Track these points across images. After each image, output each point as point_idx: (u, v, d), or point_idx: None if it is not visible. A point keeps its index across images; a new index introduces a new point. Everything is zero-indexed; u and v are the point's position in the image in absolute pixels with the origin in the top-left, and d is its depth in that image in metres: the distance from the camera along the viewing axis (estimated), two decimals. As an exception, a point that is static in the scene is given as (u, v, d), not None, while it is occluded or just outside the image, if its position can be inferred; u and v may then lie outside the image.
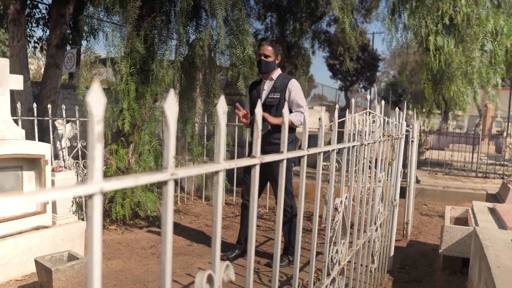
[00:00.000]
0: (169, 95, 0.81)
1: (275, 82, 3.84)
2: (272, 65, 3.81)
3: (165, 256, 0.83)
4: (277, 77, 3.86)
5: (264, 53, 3.76)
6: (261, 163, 1.14)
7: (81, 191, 0.64)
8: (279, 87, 3.81)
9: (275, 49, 3.80)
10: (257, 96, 3.87)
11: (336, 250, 2.03)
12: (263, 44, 3.83)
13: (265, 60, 3.76)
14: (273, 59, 3.79)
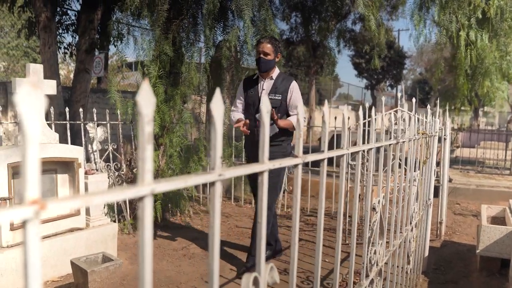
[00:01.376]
0: (216, 95, 0.79)
1: (275, 82, 3.67)
2: (272, 64, 3.62)
3: (213, 257, 0.82)
4: (276, 77, 3.69)
5: (264, 51, 3.57)
6: (303, 162, 1.11)
7: (133, 193, 0.63)
8: (280, 88, 3.64)
9: (274, 46, 3.61)
10: (256, 95, 3.68)
11: (374, 251, 1.99)
12: (262, 41, 3.63)
13: (264, 59, 3.57)
14: (273, 57, 3.60)
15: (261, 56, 3.57)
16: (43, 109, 0.52)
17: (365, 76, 28.94)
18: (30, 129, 0.50)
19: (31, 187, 0.51)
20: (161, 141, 4.62)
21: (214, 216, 0.81)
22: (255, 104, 3.62)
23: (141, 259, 0.67)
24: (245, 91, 3.76)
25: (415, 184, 2.98)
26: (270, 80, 3.68)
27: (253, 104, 3.66)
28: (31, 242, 0.51)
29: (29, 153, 0.50)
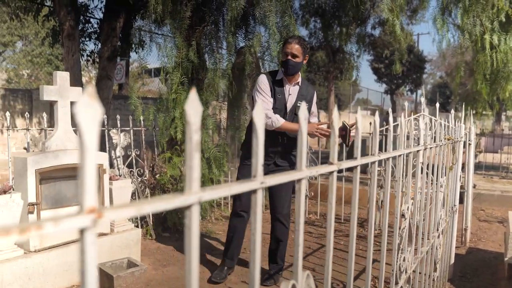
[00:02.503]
0: (257, 105, 0.80)
1: (301, 88, 3.47)
2: (300, 66, 3.36)
3: (254, 263, 0.82)
4: (301, 83, 3.49)
5: (292, 52, 3.28)
6: (339, 169, 1.11)
7: (181, 202, 0.63)
8: (306, 95, 3.47)
9: (303, 48, 3.32)
10: (283, 100, 3.41)
11: (403, 258, 1.97)
12: (290, 41, 3.32)
13: (293, 61, 3.28)
14: (301, 60, 3.33)
15: (289, 58, 3.29)
16: (100, 120, 0.53)
17: (385, 80, 28.71)
18: (88, 139, 0.51)
19: (88, 196, 0.52)
20: (184, 146, 4.64)
21: (255, 223, 0.81)
22: (281, 110, 3.41)
23: (188, 266, 0.67)
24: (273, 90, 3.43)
25: (442, 190, 2.94)
26: (296, 86, 3.47)
27: (279, 109, 3.40)
28: (88, 251, 0.52)
29: (87, 162, 0.51)
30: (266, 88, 3.40)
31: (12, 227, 0.46)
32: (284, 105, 3.44)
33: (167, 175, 4.62)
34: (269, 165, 3.52)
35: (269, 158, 3.49)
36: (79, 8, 8.73)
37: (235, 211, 3.59)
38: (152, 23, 5.03)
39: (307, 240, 4.81)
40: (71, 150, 3.63)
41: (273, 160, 3.51)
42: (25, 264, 3.21)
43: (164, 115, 4.63)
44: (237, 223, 3.60)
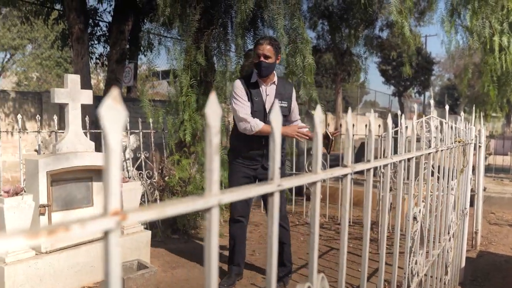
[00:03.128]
0: (274, 108, 0.80)
1: (278, 87, 3.43)
2: (273, 67, 3.33)
3: (271, 266, 0.82)
4: (278, 82, 3.45)
5: (264, 53, 3.24)
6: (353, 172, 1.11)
7: (201, 205, 0.64)
8: (284, 94, 3.43)
9: (275, 48, 3.29)
10: (260, 101, 3.37)
11: (415, 261, 1.96)
12: (262, 42, 3.28)
13: (266, 62, 3.24)
14: (274, 60, 3.30)
15: (262, 59, 3.25)
16: (124, 123, 0.54)
17: (392, 83, 28.61)
18: (112, 142, 0.52)
19: (113, 198, 0.52)
20: (193, 149, 4.67)
21: (272, 225, 0.81)
22: (261, 112, 3.36)
23: (207, 269, 0.68)
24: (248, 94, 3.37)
25: (453, 193, 2.93)
26: (272, 85, 3.43)
27: (259, 111, 3.35)
28: (113, 252, 0.53)
29: (111, 165, 0.52)
30: (241, 93, 3.36)
31: (40, 230, 0.46)
32: (263, 106, 3.39)
33: (176, 177, 4.63)
34: (257, 169, 3.49)
35: (256, 161, 3.47)
36: (88, 11, 8.80)
37: (233, 217, 3.54)
38: (160, 26, 5.06)
39: (315, 242, 4.80)
40: (81, 153, 3.66)
41: (260, 164, 3.48)
42: (36, 265, 3.23)
43: (173, 117, 4.65)
44: (237, 229, 3.57)
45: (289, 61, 4.31)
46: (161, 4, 4.16)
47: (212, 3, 4.58)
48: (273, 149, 0.79)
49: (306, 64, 4.17)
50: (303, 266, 4.05)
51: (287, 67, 4.49)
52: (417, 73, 26.62)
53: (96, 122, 7.23)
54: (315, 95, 4.56)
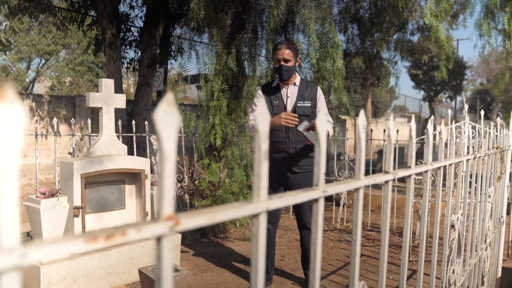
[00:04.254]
0: (320, 114, 0.79)
1: (300, 88, 3.43)
2: (293, 70, 3.38)
3: (315, 272, 0.81)
4: (300, 83, 3.45)
5: (284, 58, 3.31)
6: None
7: (250, 210, 0.63)
8: (307, 94, 3.40)
9: (293, 51, 3.35)
10: (281, 104, 3.40)
11: (452, 270, 1.91)
12: (280, 47, 3.34)
13: (286, 66, 3.31)
14: (294, 63, 3.35)
15: (282, 63, 3.32)
16: (178, 128, 0.54)
17: (423, 87, 28.12)
18: (167, 147, 0.52)
19: (166, 203, 0.52)
20: (223, 153, 4.69)
21: (317, 232, 0.80)
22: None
23: (254, 275, 0.67)
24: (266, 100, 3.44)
25: (490, 201, 2.85)
26: (293, 87, 3.44)
27: (279, 113, 3.33)
28: (165, 257, 0.53)
29: (166, 170, 0.52)
30: (257, 100, 3.47)
31: (99, 234, 0.47)
32: (284, 108, 3.40)
33: (206, 181, 4.66)
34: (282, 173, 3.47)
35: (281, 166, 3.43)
36: (120, 17, 8.97)
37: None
38: (191, 31, 5.11)
39: (345, 248, 4.75)
40: (114, 156, 3.72)
41: (288, 168, 3.46)
42: (70, 265, 3.30)
43: (204, 121, 4.68)
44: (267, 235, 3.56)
45: (320, 66, 4.27)
46: (195, 9, 4.20)
47: (244, 8, 4.60)
48: (318, 153, 0.78)
49: (336, 68, 4.13)
50: (333, 272, 4.00)
51: (318, 72, 4.45)
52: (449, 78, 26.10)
53: (128, 125, 7.36)
54: (345, 99, 4.51)
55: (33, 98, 8.85)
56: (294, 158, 3.43)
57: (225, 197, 4.63)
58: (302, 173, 3.44)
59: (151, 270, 3.17)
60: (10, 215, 0.41)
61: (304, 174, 3.44)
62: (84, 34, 10.83)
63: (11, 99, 0.40)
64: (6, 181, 0.40)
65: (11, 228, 0.41)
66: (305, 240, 3.58)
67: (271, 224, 3.52)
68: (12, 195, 0.41)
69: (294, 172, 3.44)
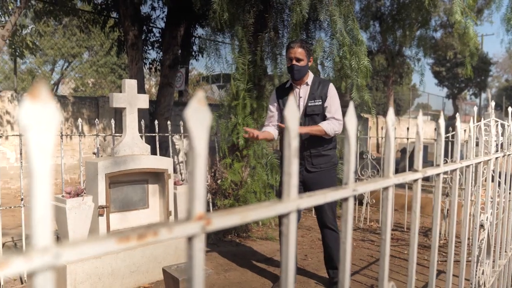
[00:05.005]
0: (349, 109, 0.78)
1: (312, 87, 3.40)
2: (305, 69, 3.34)
3: (344, 273, 0.80)
4: (312, 82, 3.41)
5: (296, 57, 3.27)
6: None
7: (280, 210, 0.62)
8: (319, 93, 3.37)
9: (306, 50, 3.31)
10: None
11: (482, 271, 1.86)
12: (293, 46, 3.31)
13: (297, 65, 3.28)
14: (306, 63, 3.31)
15: (294, 63, 3.29)
16: (209, 126, 0.53)
17: (446, 84, 27.64)
18: (198, 147, 0.51)
19: (198, 203, 0.52)
20: (245, 152, 4.69)
21: (346, 231, 0.79)
22: None
23: (284, 275, 0.66)
24: (279, 102, 3.50)
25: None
26: (306, 86, 3.42)
27: None
28: (197, 257, 0.52)
29: (197, 169, 0.51)
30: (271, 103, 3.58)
31: (131, 234, 0.46)
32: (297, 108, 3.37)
33: (228, 180, 4.66)
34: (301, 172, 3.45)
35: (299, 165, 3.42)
36: (142, 18, 9.06)
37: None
38: (213, 31, 5.11)
39: (369, 248, 4.70)
40: (138, 155, 3.75)
41: (303, 167, 3.45)
42: (95, 264, 3.34)
43: (226, 121, 4.69)
44: None
45: (342, 63, 4.23)
46: (218, 9, 4.21)
47: (265, 7, 4.59)
48: (348, 152, 0.77)
49: (362, 66, 4.07)
50: (357, 272, 3.96)
51: (340, 70, 4.41)
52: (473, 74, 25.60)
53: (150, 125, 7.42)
54: (368, 97, 4.46)
55: (57, 100, 9.01)
56: (309, 157, 3.42)
57: (247, 196, 4.63)
58: (318, 172, 3.43)
59: (175, 269, 3.19)
60: (44, 215, 0.41)
61: (319, 172, 3.43)
62: (107, 36, 10.97)
63: (44, 98, 0.40)
64: (40, 182, 0.40)
65: (45, 228, 0.41)
66: (327, 240, 3.56)
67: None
68: (46, 195, 0.41)
69: (309, 171, 3.43)
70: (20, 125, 0.39)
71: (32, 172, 0.40)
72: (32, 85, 0.41)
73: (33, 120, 0.39)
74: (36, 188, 0.40)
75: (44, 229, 0.41)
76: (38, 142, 0.39)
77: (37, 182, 0.40)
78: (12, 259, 0.38)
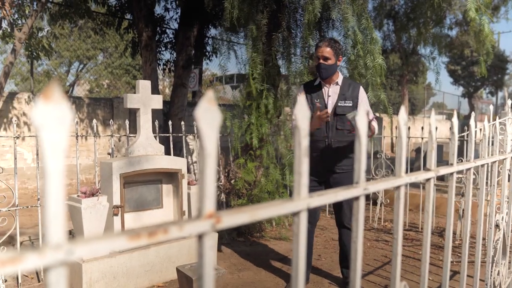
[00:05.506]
0: (360, 110, 0.78)
1: (342, 88, 3.38)
2: (333, 68, 3.32)
3: (356, 272, 0.80)
4: (343, 82, 3.40)
5: (324, 55, 3.27)
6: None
7: (291, 208, 0.63)
8: (349, 94, 3.36)
9: (335, 49, 3.29)
10: (322, 103, 3.36)
11: (497, 271, 1.84)
12: (321, 45, 3.32)
13: (325, 64, 3.27)
14: (334, 61, 3.30)
15: (321, 61, 3.29)
16: (219, 125, 0.54)
17: (462, 83, 27.31)
18: (208, 145, 0.52)
19: (208, 201, 0.52)
20: (258, 152, 4.70)
21: (357, 231, 0.79)
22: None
23: (294, 272, 0.66)
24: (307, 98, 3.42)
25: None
26: (335, 86, 3.40)
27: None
28: (207, 255, 0.53)
29: (207, 168, 0.52)
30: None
31: (141, 231, 0.47)
32: (325, 107, 3.36)
33: (242, 180, 4.68)
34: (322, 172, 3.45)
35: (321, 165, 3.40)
36: (156, 19, 9.13)
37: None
38: (226, 31, 5.13)
39: (383, 248, 4.67)
40: (152, 156, 3.78)
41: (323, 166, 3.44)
42: (110, 263, 3.38)
43: (240, 121, 4.70)
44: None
45: (357, 63, 4.21)
46: (228, 7, 4.22)
47: (278, 7, 4.59)
48: (359, 150, 0.77)
49: (376, 64, 4.04)
50: (371, 272, 3.94)
51: (355, 69, 4.39)
52: (489, 73, 25.24)
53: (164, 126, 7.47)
54: (383, 96, 4.43)
55: (73, 101, 9.12)
56: (334, 158, 3.40)
57: (261, 196, 4.63)
58: (342, 173, 3.42)
59: (188, 269, 3.20)
60: (57, 213, 0.42)
61: (344, 174, 3.41)
62: (121, 38, 11.08)
63: (57, 99, 0.41)
64: (53, 179, 0.41)
65: (58, 225, 0.42)
66: (344, 239, 3.55)
67: (311, 223, 3.51)
68: (58, 193, 0.42)
69: (334, 171, 3.43)
70: (34, 124, 0.40)
71: (46, 170, 0.40)
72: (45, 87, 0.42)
73: (46, 119, 0.40)
74: (50, 185, 0.41)
75: (57, 226, 0.42)
76: (51, 141, 0.40)
77: (51, 180, 0.41)
78: (27, 255, 0.39)
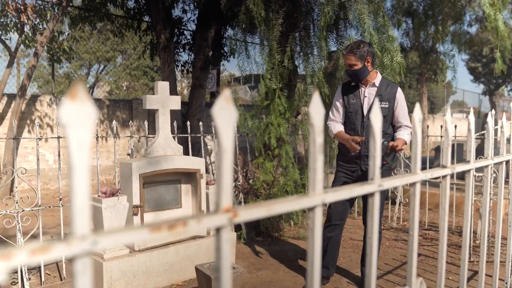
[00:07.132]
0: (374, 106, 0.79)
1: (379, 89, 3.42)
2: (363, 71, 3.37)
3: (371, 268, 0.81)
4: (380, 83, 3.44)
5: (348, 63, 3.38)
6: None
7: (306, 203, 0.64)
8: (386, 95, 3.39)
9: (358, 54, 3.34)
10: (358, 103, 3.43)
11: (518, 271, 1.82)
12: (344, 54, 3.47)
13: (351, 70, 3.38)
14: (361, 65, 3.34)
15: (348, 68, 3.41)
16: (235, 123, 0.56)
17: (482, 81, 26.86)
18: (225, 143, 0.54)
19: (225, 196, 0.54)
20: (276, 152, 4.71)
21: (372, 227, 0.80)
22: (358, 113, 3.43)
23: (310, 268, 0.68)
24: (345, 100, 3.52)
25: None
26: (372, 87, 3.45)
27: (355, 112, 3.44)
28: (224, 247, 0.54)
29: (224, 164, 0.54)
30: (335, 99, 3.62)
31: (162, 224, 0.49)
32: (361, 108, 3.43)
33: (260, 180, 4.70)
34: (354, 172, 3.46)
35: (355, 164, 3.46)
36: (174, 21, 9.21)
37: (332, 221, 3.52)
38: (242, 32, 5.16)
39: (402, 248, 4.64)
40: (171, 156, 3.83)
41: (358, 166, 3.45)
42: (130, 262, 3.43)
43: (258, 121, 4.73)
44: (331, 231, 3.53)
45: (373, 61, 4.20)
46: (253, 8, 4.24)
47: (294, 7, 4.60)
48: (374, 148, 0.78)
49: (395, 63, 4.02)
50: (390, 271, 3.92)
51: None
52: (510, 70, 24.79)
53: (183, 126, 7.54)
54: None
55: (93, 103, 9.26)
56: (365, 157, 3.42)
57: (280, 195, 4.65)
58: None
59: (207, 267, 3.24)
60: (83, 206, 0.44)
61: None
62: (140, 40, 11.21)
63: (82, 98, 0.43)
64: (79, 175, 0.44)
65: (83, 218, 0.45)
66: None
67: (342, 221, 3.53)
68: (84, 187, 0.44)
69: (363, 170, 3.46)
70: (60, 123, 0.43)
71: (72, 166, 0.43)
72: (70, 87, 0.45)
73: (72, 118, 0.42)
74: (76, 180, 0.43)
75: (83, 218, 0.44)
76: (77, 138, 0.43)
77: (77, 175, 0.43)
78: (54, 245, 0.41)
